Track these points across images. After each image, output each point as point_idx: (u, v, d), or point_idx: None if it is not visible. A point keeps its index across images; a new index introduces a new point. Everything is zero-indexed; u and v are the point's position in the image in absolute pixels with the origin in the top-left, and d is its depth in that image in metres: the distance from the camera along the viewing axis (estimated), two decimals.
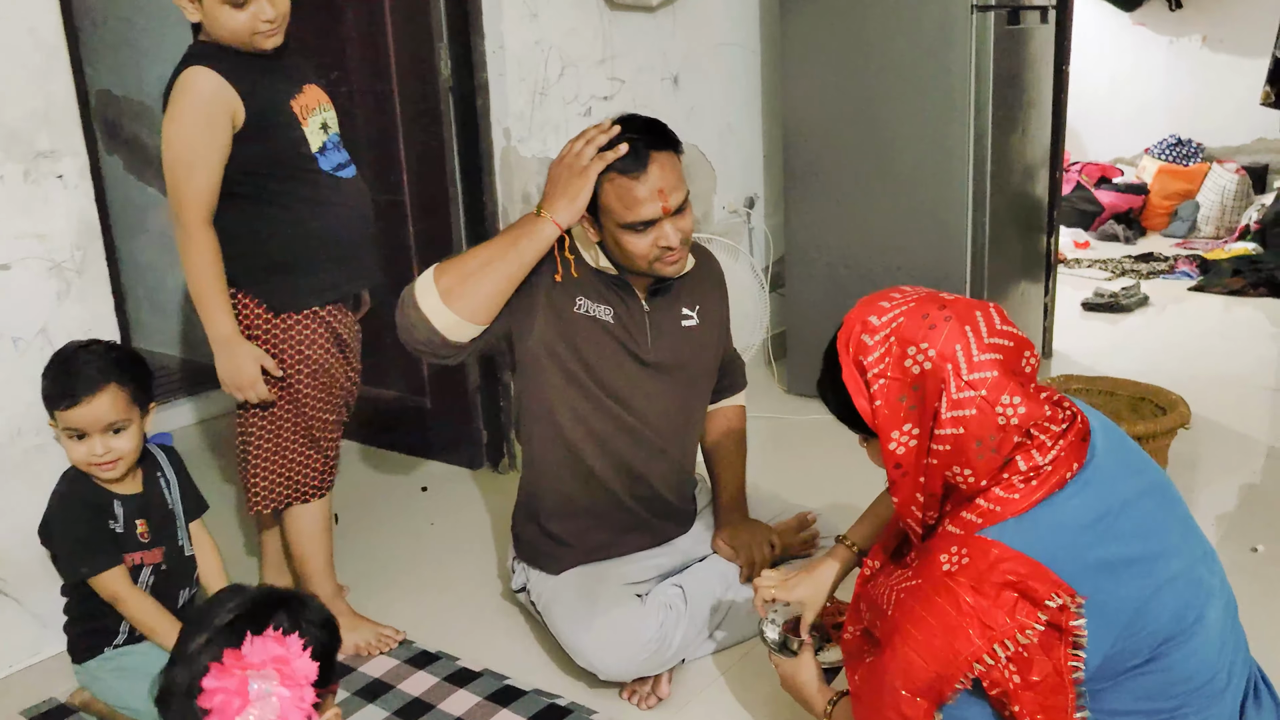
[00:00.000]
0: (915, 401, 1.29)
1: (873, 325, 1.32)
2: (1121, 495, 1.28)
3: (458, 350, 1.90)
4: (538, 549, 2.15)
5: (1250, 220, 5.58)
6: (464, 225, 2.94)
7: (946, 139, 3.09)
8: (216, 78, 1.88)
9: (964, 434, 1.26)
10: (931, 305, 1.30)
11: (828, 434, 1.89)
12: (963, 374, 1.26)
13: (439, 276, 1.85)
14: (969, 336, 1.27)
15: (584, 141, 1.87)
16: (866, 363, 1.31)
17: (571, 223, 1.88)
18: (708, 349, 2.17)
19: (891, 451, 1.33)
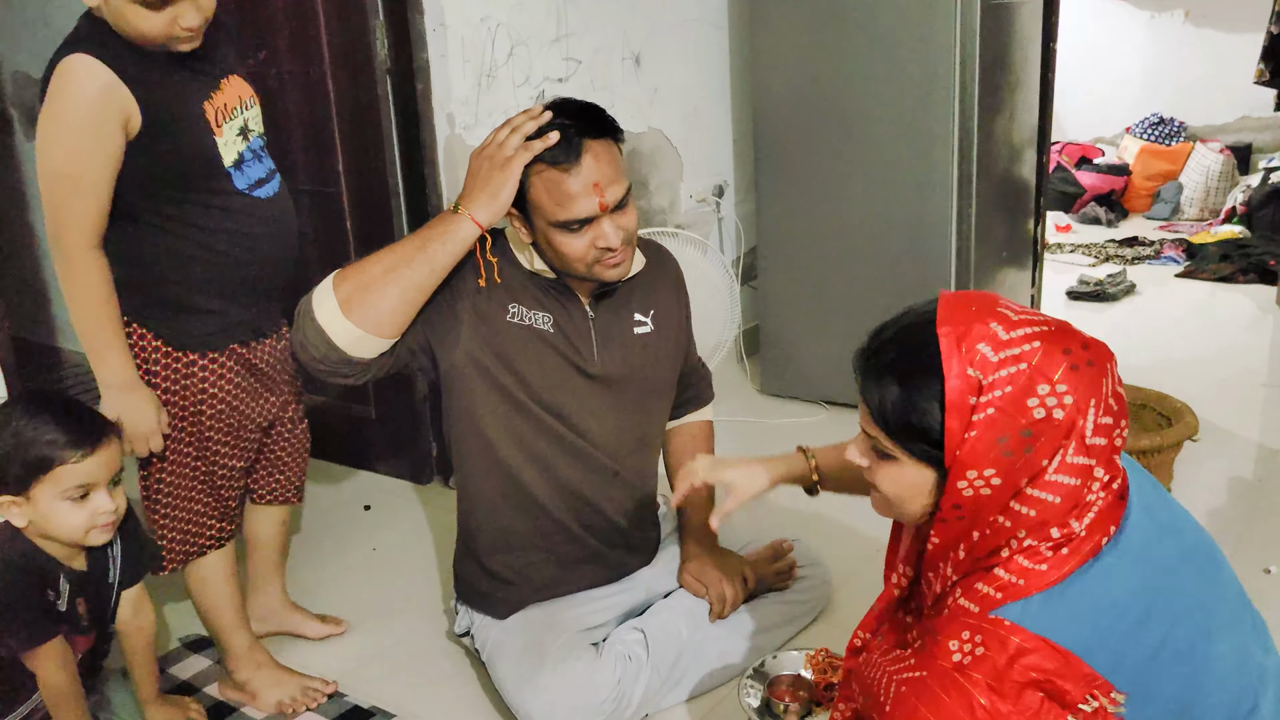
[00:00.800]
0: (1016, 449, 1.04)
1: (999, 338, 1.05)
2: (1162, 563, 1.07)
3: (361, 368, 1.66)
4: (479, 590, 1.92)
5: (1236, 202, 5.40)
6: (405, 220, 2.69)
7: (930, 122, 2.87)
8: (106, 73, 1.56)
9: (1058, 503, 1.04)
10: (1070, 337, 1.06)
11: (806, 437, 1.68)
12: (1086, 435, 1.03)
13: (338, 284, 1.61)
14: (1103, 390, 1.04)
15: (509, 129, 1.63)
16: (986, 382, 1.05)
17: (493, 221, 1.65)
18: (664, 358, 1.94)
19: (958, 490, 1.08)
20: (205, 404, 1.80)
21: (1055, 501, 1.04)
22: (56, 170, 1.60)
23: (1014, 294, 3.44)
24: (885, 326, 1.15)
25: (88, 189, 1.60)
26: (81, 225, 1.62)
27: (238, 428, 1.86)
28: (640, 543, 2.01)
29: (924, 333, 1.09)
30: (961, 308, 1.08)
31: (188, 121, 1.67)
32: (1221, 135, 6.06)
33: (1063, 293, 4.42)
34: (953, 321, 1.07)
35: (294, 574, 2.39)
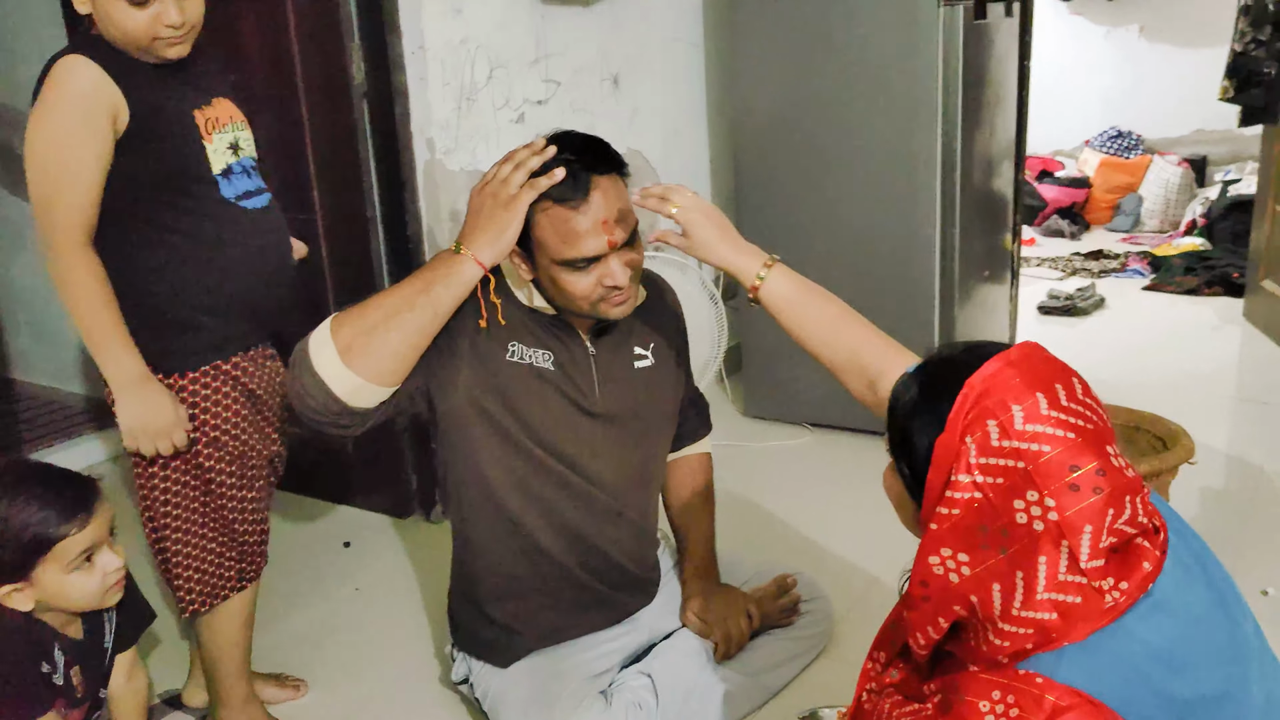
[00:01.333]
0: (993, 545, 1.00)
1: (1014, 423, 0.99)
2: (1194, 613, 1.02)
3: (362, 418, 1.57)
4: (479, 637, 1.85)
5: (1195, 214, 5.48)
6: (384, 247, 2.61)
7: (913, 140, 2.85)
8: (96, 69, 1.54)
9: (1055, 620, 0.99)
10: (1091, 456, 0.98)
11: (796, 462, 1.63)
12: (1081, 558, 0.97)
13: (336, 330, 1.52)
14: (1105, 521, 0.97)
15: (512, 165, 1.55)
16: (974, 461, 1.00)
17: (497, 261, 1.57)
18: (665, 392, 1.88)
19: (928, 565, 1.05)
20: (199, 430, 1.71)
21: (1052, 618, 0.99)
22: (47, 165, 1.55)
23: (992, 311, 3.44)
24: (960, 345, 1.12)
25: (79, 183, 1.56)
26: (73, 221, 1.56)
27: (240, 455, 1.77)
28: (642, 583, 1.95)
29: (964, 372, 1.04)
30: (1014, 368, 1.02)
31: (177, 124, 1.63)
32: (1178, 148, 6.16)
33: (1034, 307, 4.44)
34: (991, 381, 1.02)
35: (270, 617, 2.29)
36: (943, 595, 1.05)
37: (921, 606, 1.08)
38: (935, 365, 1.11)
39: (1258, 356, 3.79)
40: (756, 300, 1.60)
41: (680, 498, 2.03)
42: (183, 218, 1.65)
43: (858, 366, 1.50)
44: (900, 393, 1.12)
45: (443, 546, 2.62)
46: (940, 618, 1.07)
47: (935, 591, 1.05)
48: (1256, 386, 3.52)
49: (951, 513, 1.02)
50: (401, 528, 2.79)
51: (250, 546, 1.82)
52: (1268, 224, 3.90)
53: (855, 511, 2.72)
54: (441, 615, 2.24)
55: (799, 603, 2.06)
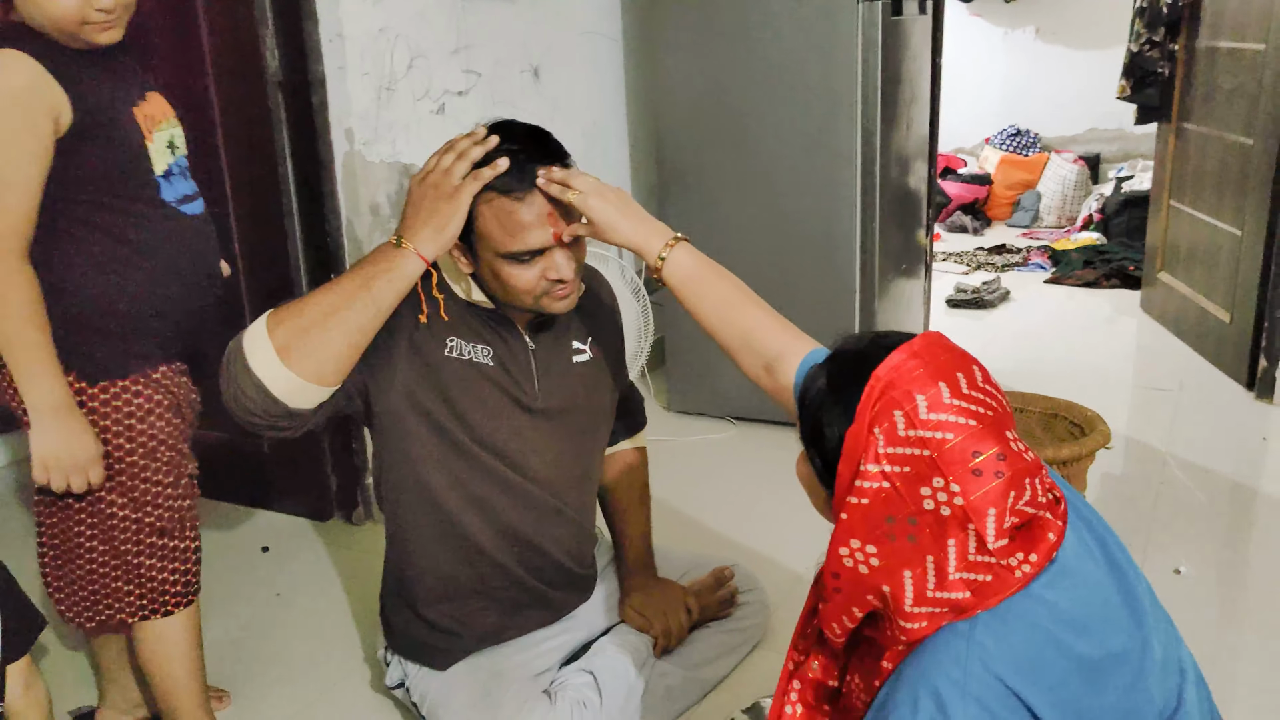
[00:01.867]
0: (899, 534, 1.03)
1: (919, 413, 1.03)
2: (1094, 577, 1.07)
3: (301, 420, 1.51)
4: (416, 640, 1.80)
5: (1091, 210, 5.68)
6: (300, 242, 2.52)
7: (833, 137, 2.89)
8: (34, 65, 1.43)
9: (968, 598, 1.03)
10: (992, 441, 1.02)
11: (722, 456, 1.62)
12: (987, 540, 1.01)
13: (273, 328, 1.44)
14: (1008, 503, 1.01)
15: (454, 155, 1.51)
16: (882, 451, 1.03)
17: (440, 254, 1.53)
18: (603, 387, 1.86)
19: (838, 557, 1.08)
20: (131, 438, 1.62)
21: (965, 597, 1.03)
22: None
23: (908, 305, 3.50)
24: (868, 335, 1.14)
25: (18, 191, 1.44)
26: (11, 232, 1.45)
27: (173, 462, 1.68)
28: (581, 580, 1.92)
29: (870, 364, 1.07)
30: (902, 365, 1.05)
31: (119, 123, 1.53)
32: (1073, 146, 6.38)
33: (942, 301, 4.54)
34: (896, 372, 1.05)
35: None
36: (854, 586, 1.08)
37: (834, 598, 1.11)
38: (842, 357, 1.14)
39: (1155, 346, 3.94)
40: (660, 279, 1.58)
41: (617, 493, 2.01)
42: (121, 221, 1.55)
43: (752, 348, 1.49)
44: (809, 384, 1.14)
45: (365, 548, 2.57)
46: (854, 607, 1.09)
47: (846, 583, 1.08)
48: (1155, 374, 3.67)
49: (861, 502, 1.05)
50: (321, 530, 2.71)
51: (190, 556, 1.74)
52: (1163, 218, 4.06)
53: (782, 503, 2.74)
54: (369, 618, 2.19)
55: (736, 595, 2.06)
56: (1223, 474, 2.82)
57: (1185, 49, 3.80)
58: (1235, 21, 3.46)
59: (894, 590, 1.05)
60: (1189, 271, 3.86)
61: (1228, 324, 3.49)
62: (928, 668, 1.03)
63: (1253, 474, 2.86)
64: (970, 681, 1.00)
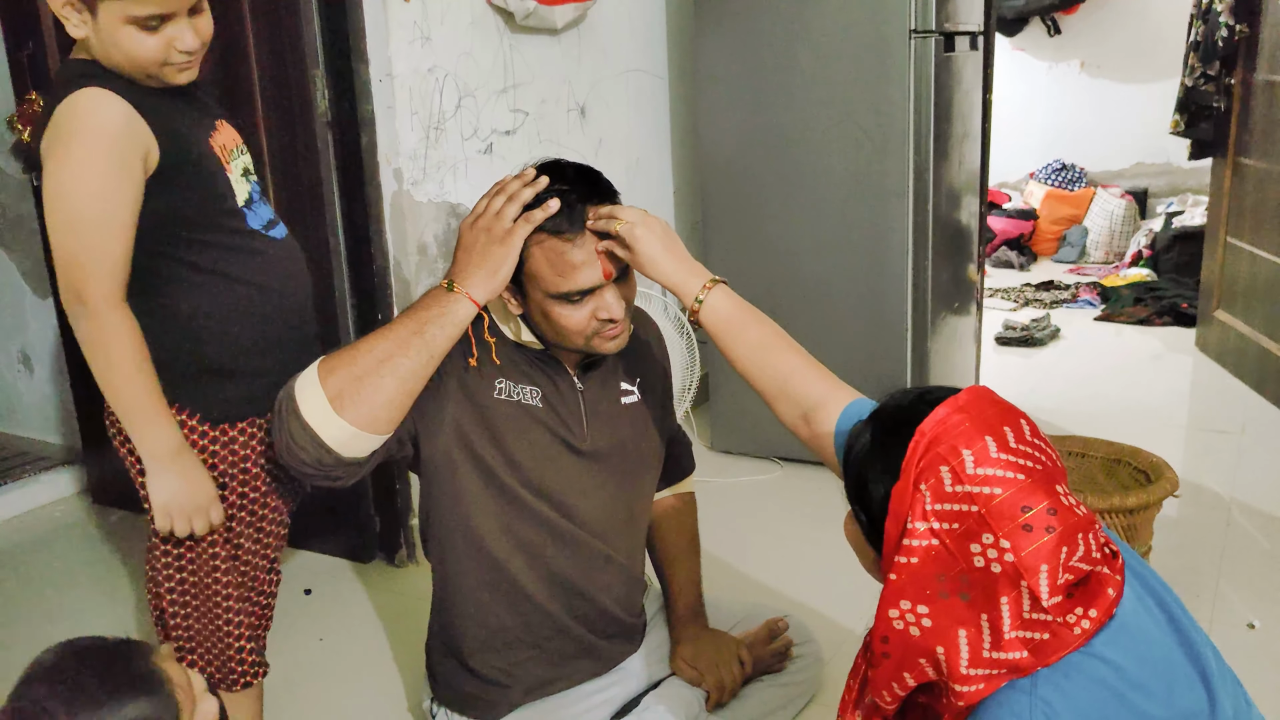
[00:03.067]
0: (953, 591, 1.01)
1: (965, 468, 1.00)
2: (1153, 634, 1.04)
3: (354, 469, 1.47)
4: (463, 691, 1.75)
5: (1140, 245, 5.58)
6: (348, 281, 2.51)
7: (884, 174, 2.84)
8: (124, 105, 1.40)
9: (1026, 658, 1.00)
10: (1042, 495, 1.00)
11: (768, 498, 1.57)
12: (1042, 596, 0.98)
13: (325, 376, 1.41)
14: (1060, 559, 0.98)
15: (505, 198, 1.48)
16: (929, 508, 1.01)
17: (492, 298, 1.50)
18: (651, 429, 1.82)
19: (888, 620, 1.05)
20: (245, 484, 1.60)
21: (1023, 656, 0.99)
22: (76, 215, 1.39)
23: (960, 343, 3.43)
24: (913, 391, 1.13)
25: (114, 234, 1.41)
26: (107, 274, 1.41)
27: (267, 517, 1.66)
28: (631, 629, 1.87)
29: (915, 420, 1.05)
30: (963, 413, 1.04)
31: (202, 156, 1.50)
32: (1119, 181, 6.29)
33: (990, 338, 4.46)
34: (941, 427, 1.03)
35: None
36: (905, 650, 1.04)
37: (884, 664, 1.07)
38: (886, 413, 1.13)
39: (1212, 386, 3.84)
40: (697, 321, 1.55)
41: (665, 538, 1.97)
42: (216, 254, 1.52)
43: (790, 395, 1.47)
44: (854, 441, 1.13)
45: (409, 592, 2.53)
46: (906, 673, 1.06)
47: (896, 647, 1.05)
48: (1214, 415, 3.56)
49: (910, 561, 1.02)
50: (363, 572, 2.68)
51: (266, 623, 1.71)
52: (1219, 255, 3.97)
53: (831, 549, 2.64)
54: (413, 665, 2.15)
55: (790, 647, 2.00)
56: None
57: (1241, 83, 3.73)
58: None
59: (948, 653, 1.01)
60: (1248, 309, 3.76)
61: None
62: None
63: None
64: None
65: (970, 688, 1.01)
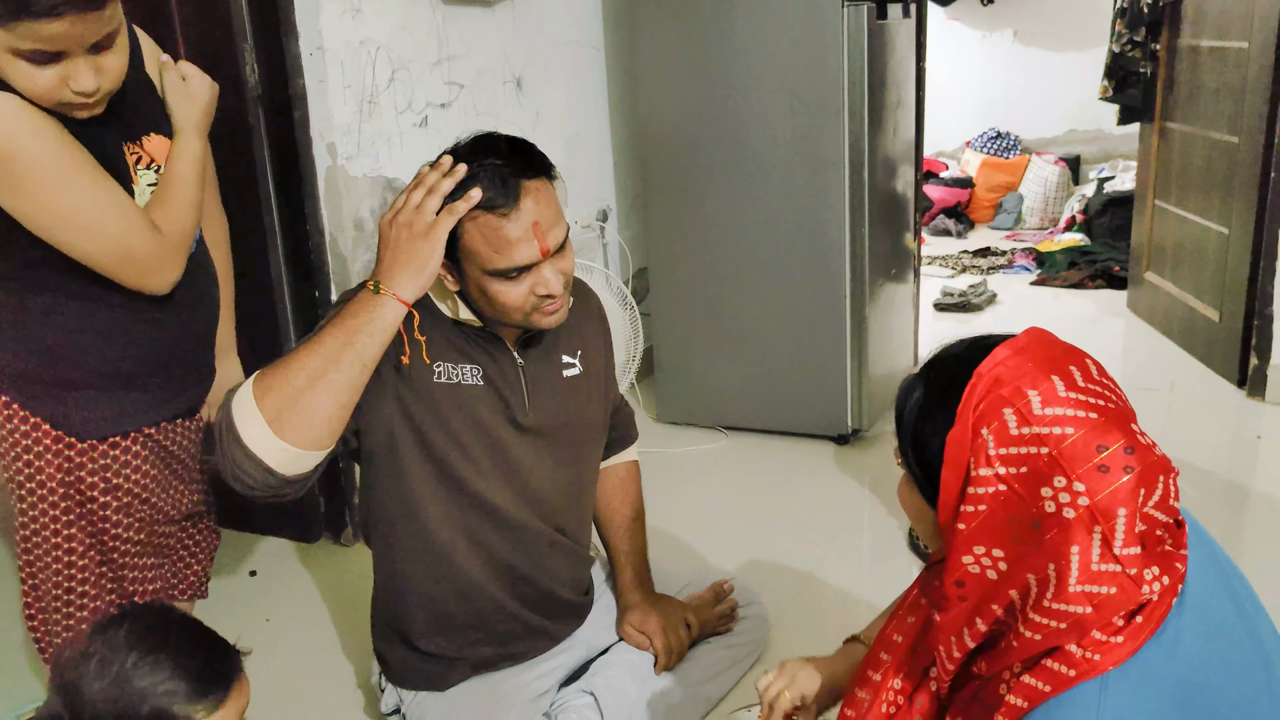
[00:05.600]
0: (1026, 538, 0.95)
1: (1032, 409, 0.94)
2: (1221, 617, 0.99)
3: (301, 484, 1.45)
4: (411, 668, 1.76)
5: (1074, 211, 5.69)
6: (283, 260, 2.48)
7: (820, 143, 2.87)
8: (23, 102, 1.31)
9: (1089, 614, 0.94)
10: (1118, 434, 0.93)
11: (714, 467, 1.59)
12: (1115, 544, 0.92)
13: (261, 397, 1.36)
14: (1139, 503, 0.92)
15: (424, 191, 1.45)
16: (993, 453, 0.95)
17: (420, 295, 1.46)
18: (594, 400, 1.83)
19: (962, 565, 0.98)
20: (109, 497, 1.56)
21: (1086, 612, 0.93)
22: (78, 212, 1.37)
23: (898, 309, 3.48)
24: (966, 339, 1.06)
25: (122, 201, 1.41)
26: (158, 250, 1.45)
27: (149, 521, 1.63)
28: (579, 608, 1.89)
29: (971, 364, 0.99)
30: (1025, 354, 0.98)
31: (102, 158, 1.42)
32: (1053, 147, 6.39)
33: (929, 305, 4.53)
34: (1002, 368, 0.96)
35: None
36: (981, 594, 0.99)
37: (958, 607, 1.01)
38: (939, 363, 1.06)
39: (1144, 346, 3.94)
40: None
41: (611, 507, 1.98)
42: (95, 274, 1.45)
43: None
44: (904, 397, 1.06)
45: (355, 570, 2.52)
46: (978, 618, 1.00)
47: (973, 590, 0.99)
48: (1145, 374, 3.66)
49: (979, 509, 0.96)
50: (308, 553, 2.66)
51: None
52: (1149, 218, 4.06)
53: (777, 514, 2.71)
54: (360, 642, 2.15)
55: (736, 609, 2.03)
56: (1217, 474, 2.81)
57: (1167, 49, 3.80)
58: (1217, 20, 3.47)
59: (1020, 595, 0.97)
60: (1176, 271, 3.86)
61: (1217, 322, 3.49)
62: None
63: (1247, 472, 2.85)
64: None
65: (1031, 633, 0.96)
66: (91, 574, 1.60)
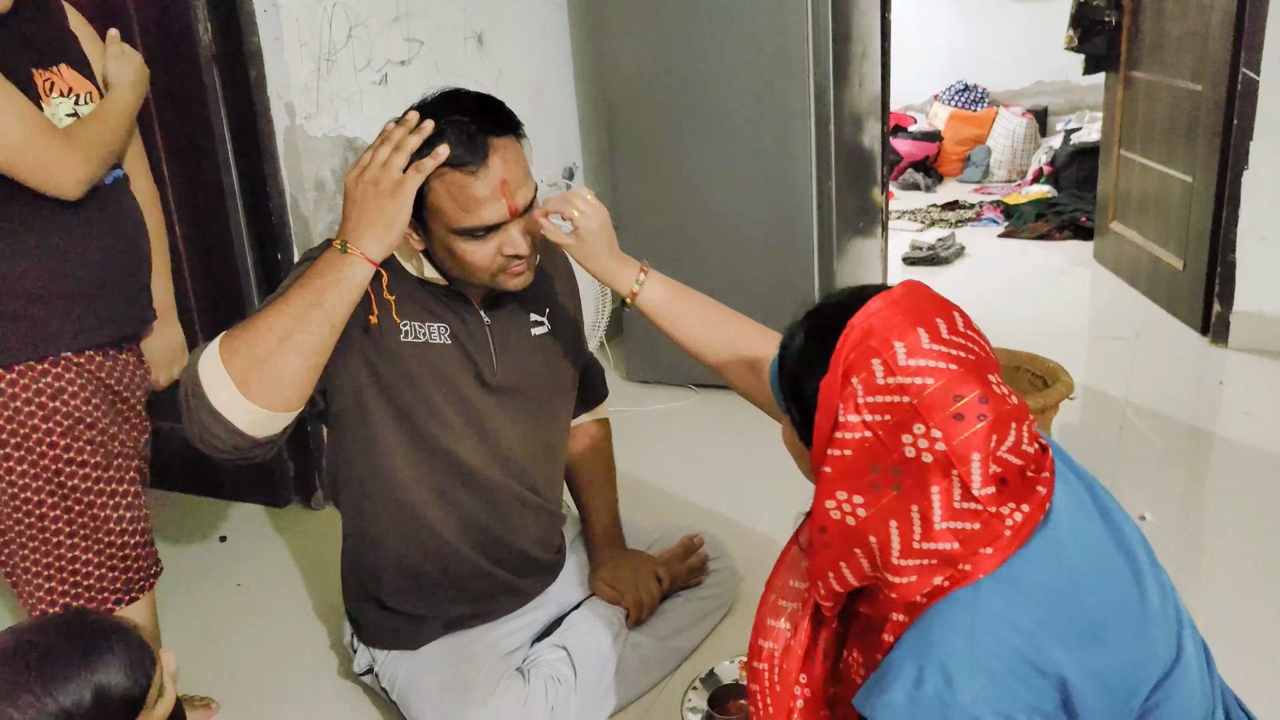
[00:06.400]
0: (885, 483, 1.01)
1: (897, 359, 1.00)
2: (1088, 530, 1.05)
3: (272, 445, 1.44)
4: (383, 628, 1.76)
5: (1041, 163, 5.70)
6: (244, 222, 2.44)
7: (786, 96, 2.85)
8: None
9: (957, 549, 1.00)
10: (974, 384, 0.99)
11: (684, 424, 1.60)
12: (972, 486, 0.98)
13: (228, 359, 1.34)
14: (991, 447, 0.99)
15: (390, 147, 1.41)
16: (862, 400, 1.00)
17: (388, 254, 1.44)
18: (563, 358, 1.82)
19: (824, 510, 1.05)
20: (50, 424, 1.53)
21: (954, 548, 1.00)
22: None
23: (867, 263, 3.49)
24: (845, 290, 1.11)
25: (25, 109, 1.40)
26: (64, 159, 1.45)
27: (102, 447, 1.59)
28: (550, 565, 1.89)
29: (848, 314, 1.04)
30: (880, 313, 1.02)
31: (7, 73, 1.41)
32: (1020, 100, 6.39)
33: (898, 259, 4.54)
34: (873, 319, 1.02)
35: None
36: (842, 539, 1.05)
37: (822, 553, 1.08)
38: (821, 310, 1.11)
39: (1110, 295, 3.97)
40: (632, 305, 1.58)
41: (581, 467, 1.98)
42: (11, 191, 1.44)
43: (738, 356, 1.51)
44: (788, 341, 1.12)
45: (326, 534, 2.51)
46: (842, 563, 1.06)
47: (834, 536, 1.06)
48: (1111, 323, 3.69)
49: (844, 454, 1.02)
50: (278, 517, 2.65)
51: (132, 550, 1.66)
52: (1114, 168, 4.08)
53: (747, 469, 2.72)
54: (333, 605, 2.15)
55: (706, 562, 2.04)
56: (1181, 420, 2.85)
57: None
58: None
59: (881, 543, 1.02)
60: (1141, 220, 3.88)
61: (1181, 271, 3.52)
62: (934, 639, 0.99)
63: (1209, 418, 2.88)
64: (978, 652, 0.97)
65: (903, 579, 1.01)
66: (58, 519, 1.57)
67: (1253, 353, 3.24)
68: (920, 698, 0.98)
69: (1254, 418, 2.82)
